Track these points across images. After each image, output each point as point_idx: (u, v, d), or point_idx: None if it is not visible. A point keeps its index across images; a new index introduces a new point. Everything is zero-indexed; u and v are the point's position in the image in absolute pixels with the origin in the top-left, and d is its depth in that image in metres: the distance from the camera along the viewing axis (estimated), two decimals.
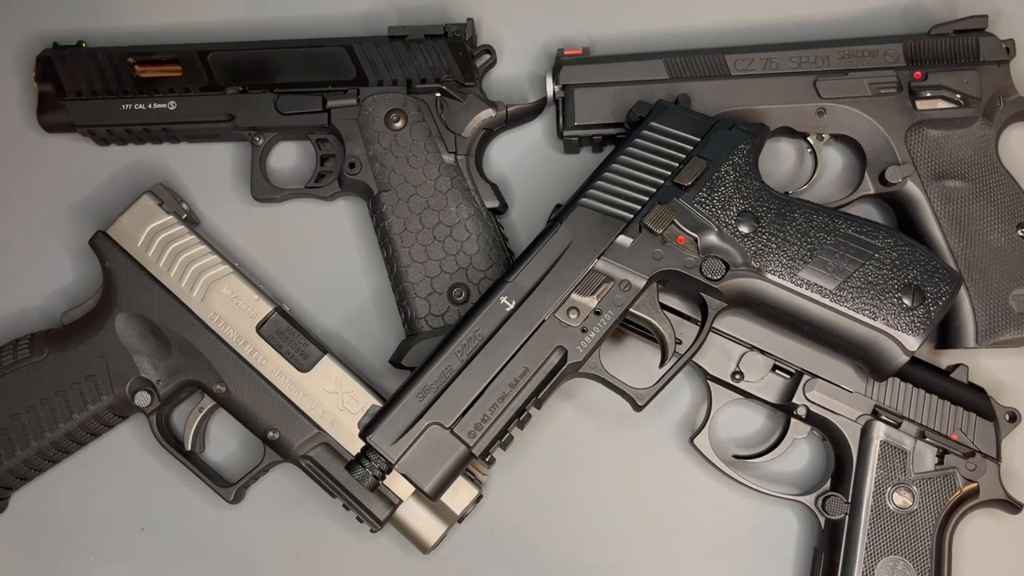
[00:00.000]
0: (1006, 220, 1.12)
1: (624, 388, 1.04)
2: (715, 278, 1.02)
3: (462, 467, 0.99)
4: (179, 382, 1.14)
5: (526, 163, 1.24)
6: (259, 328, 1.13)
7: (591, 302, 1.01)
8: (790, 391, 1.11)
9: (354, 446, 1.11)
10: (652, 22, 1.25)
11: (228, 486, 1.15)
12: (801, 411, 1.11)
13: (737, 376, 1.12)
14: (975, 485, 1.07)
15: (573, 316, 1.01)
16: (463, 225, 1.15)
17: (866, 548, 1.07)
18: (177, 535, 1.19)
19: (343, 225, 1.24)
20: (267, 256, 1.24)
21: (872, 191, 1.15)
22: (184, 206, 1.19)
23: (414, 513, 1.11)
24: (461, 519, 1.12)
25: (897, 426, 1.08)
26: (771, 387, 1.12)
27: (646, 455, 1.18)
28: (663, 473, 1.18)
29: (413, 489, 1.11)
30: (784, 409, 1.12)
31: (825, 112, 1.15)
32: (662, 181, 1.04)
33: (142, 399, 1.13)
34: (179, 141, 1.24)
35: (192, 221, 1.20)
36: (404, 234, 1.15)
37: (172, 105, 1.19)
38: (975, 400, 1.10)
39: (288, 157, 1.26)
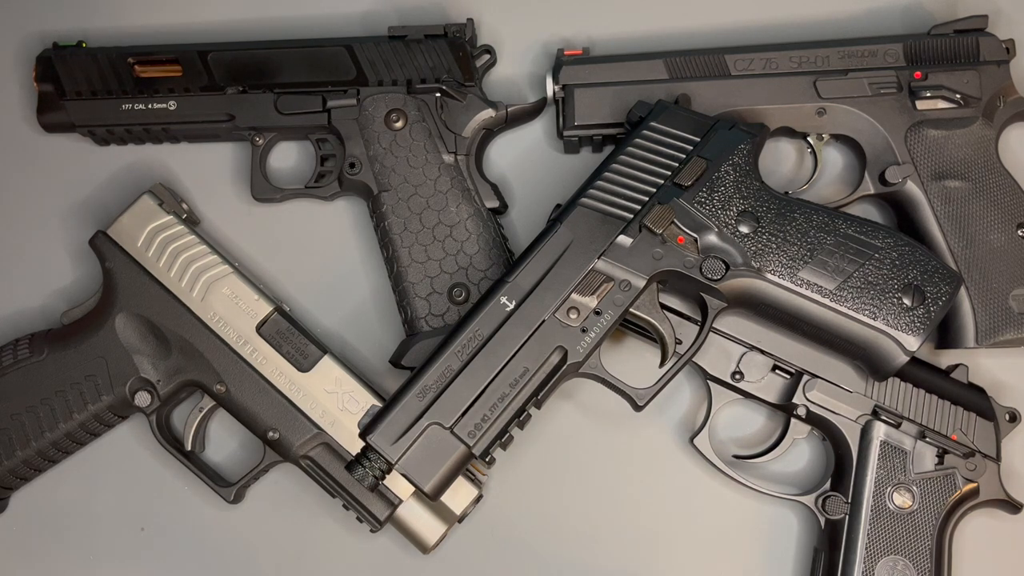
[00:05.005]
0: (1006, 220, 1.12)
1: (624, 388, 1.04)
2: (715, 278, 1.02)
3: (462, 467, 0.99)
4: (179, 382, 1.14)
5: (526, 163, 1.24)
6: (259, 328, 1.13)
7: (591, 302, 1.01)
8: (790, 391, 1.11)
9: (354, 446, 1.11)
10: (652, 22, 1.25)
11: (228, 486, 1.15)
12: (801, 411, 1.11)
13: (737, 376, 1.12)
14: (975, 485, 1.07)
15: (573, 316, 1.01)
16: (463, 225, 1.15)
17: (866, 548, 1.07)
18: (177, 535, 1.19)
19: (343, 225, 1.24)
20: (267, 256, 1.24)
21: (872, 191, 1.15)
22: (184, 206, 1.19)
23: (414, 513, 1.11)
24: (461, 519, 1.12)
25: (897, 426, 1.08)
26: (771, 387, 1.12)
27: (646, 455, 1.18)
28: (663, 473, 1.18)
29: (413, 489, 1.11)
30: (784, 409, 1.12)
31: (825, 112, 1.15)
32: (662, 181, 1.04)
33: (142, 399, 1.13)
34: (179, 141, 1.24)
35: (192, 221, 1.20)
36: (404, 234, 1.15)
37: (172, 105, 1.19)
38: (975, 400, 1.10)
39: (288, 157, 1.26)
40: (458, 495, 1.12)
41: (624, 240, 1.02)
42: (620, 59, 1.17)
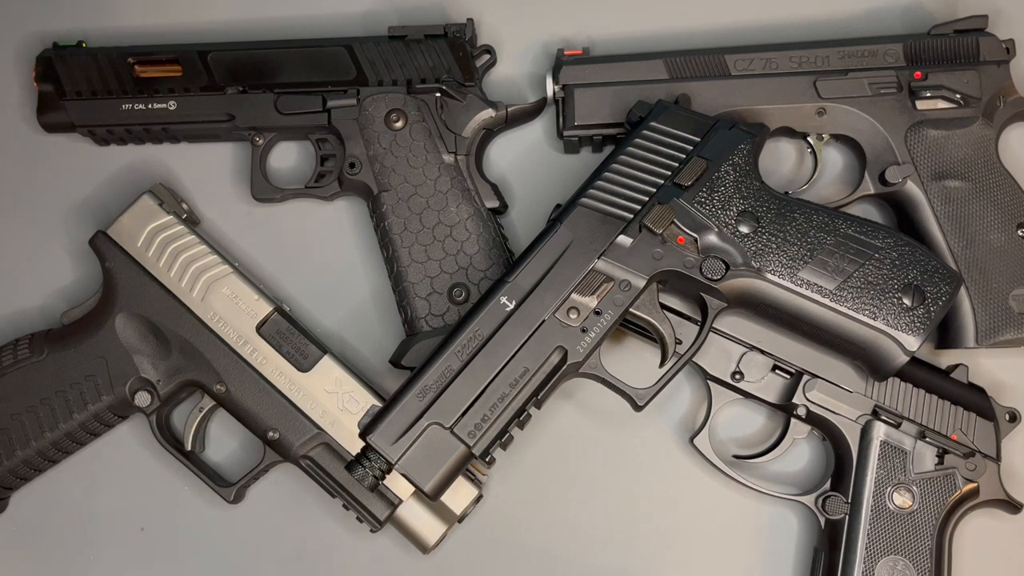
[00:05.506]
0: (1006, 220, 1.12)
1: (624, 388, 1.04)
2: (715, 278, 1.02)
3: (462, 467, 0.99)
4: (179, 382, 1.14)
5: (526, 163, 1.24)
6: (259, 328, 1.13)
7: (591, 302, 1.01)
8: (790, 391, 1.11)
9: (354, 446, 1.11)
10: (652, 22, 1.25)
11: (228, 486, 1.15)
12: (801, 411, 1.11)
13: (737, 376, 1.12)
14: (975, 485, 1.07)
15: (573, 316, 1.01)
16: (463, 225, 1.15)
17: (866, 548, 1.07)
18: (177, 535, 1.19)
19: (343, 225, 1.24)
20: (267, 256, 1.24)
21: (872, 191, 1.15)
22: (184, 206, 1.19)
23: (414, 513, 1.11)
24: (461, 519, 1.12)
25: (897, 426, 1.08)
26: (771, 387, 1.12)
27: (646, 455, 1.18)
28: (663, 473, 1.18)
29: (413, 489, 1.11)
30: (784, 409, 1.12)
31: (825, 112, 1.15)
32: (662, 181, 1.04)
33: (142, 399, 1.13)
34: (179, 141, 1.24)
35: (192, 221, 1.20)
36: (404, 234, 1.15)
37: (172, 105, 1.19)
38: (975, 400, 1.10)
39: (288, 157, 1.26)
40: (458, 495, 1.12)
41: (624, 240, 1.02)
42: (620, 59, 1.17)
